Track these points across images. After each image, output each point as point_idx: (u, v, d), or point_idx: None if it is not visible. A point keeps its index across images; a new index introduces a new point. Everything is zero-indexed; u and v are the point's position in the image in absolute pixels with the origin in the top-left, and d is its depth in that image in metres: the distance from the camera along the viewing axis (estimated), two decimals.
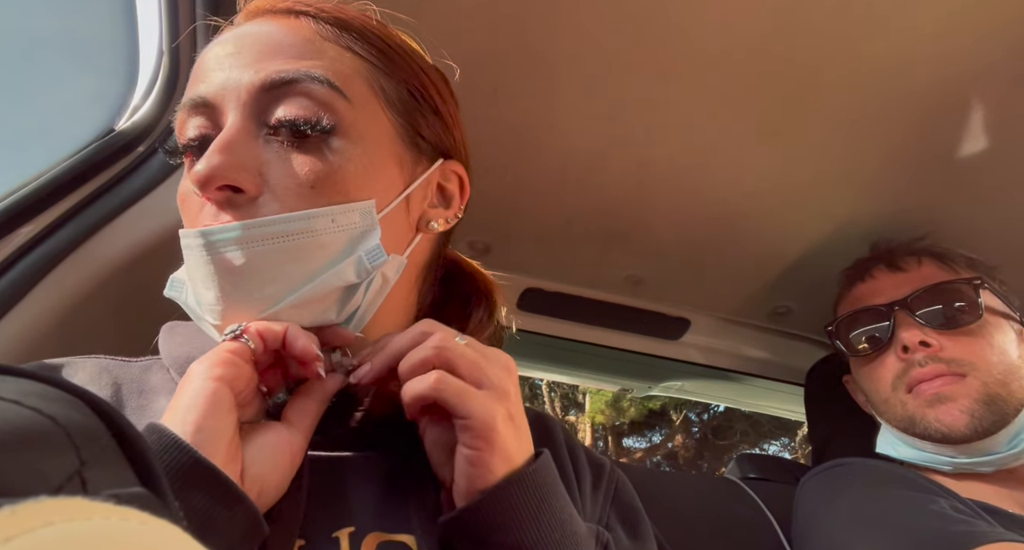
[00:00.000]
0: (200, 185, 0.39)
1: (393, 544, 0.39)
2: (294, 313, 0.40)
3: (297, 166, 0.40)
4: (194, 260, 0.40)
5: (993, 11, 0.67)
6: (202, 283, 0.40)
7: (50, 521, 0.14)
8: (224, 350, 0.37)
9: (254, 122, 0.41)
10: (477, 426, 0.37)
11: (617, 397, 7.33)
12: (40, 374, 0.21)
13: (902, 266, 0.86)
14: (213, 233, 0.39)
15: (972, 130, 0.81)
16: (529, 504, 0.38)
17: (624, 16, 0.68)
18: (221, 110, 0.42)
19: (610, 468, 0.56)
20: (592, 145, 0.85)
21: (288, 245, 0.39)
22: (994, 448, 0.74)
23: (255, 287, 0.39)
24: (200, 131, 0.42)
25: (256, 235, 0.39)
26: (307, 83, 0.41)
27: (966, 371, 0.75)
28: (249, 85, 0.41)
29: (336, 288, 0.41)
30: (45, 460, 0.17)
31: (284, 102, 0.41)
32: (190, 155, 0.43)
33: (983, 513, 0.69)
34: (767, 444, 7.93)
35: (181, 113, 0.43)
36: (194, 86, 0.43)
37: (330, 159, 0.41)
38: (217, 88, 0.42)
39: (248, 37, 0.43)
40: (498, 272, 1.11)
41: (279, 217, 0.39)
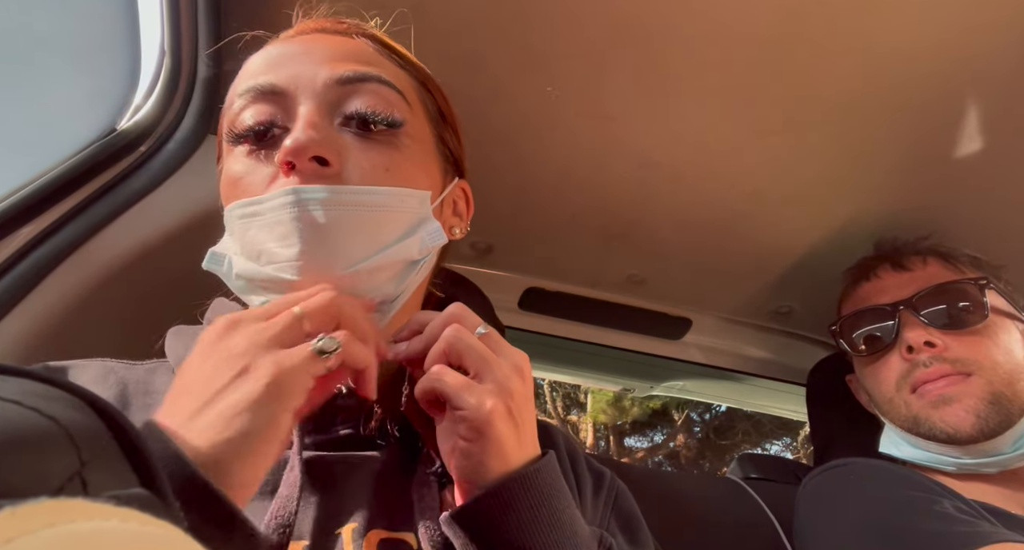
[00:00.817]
0: (294, 154, 0.41)
1: (395, 541, 0.40)
2: (366, 278, 0.43)
3: (373, 152, 0.44)
4: (273, 220, 0.41)
5: (995, 11, 0.66)
6: (280, 242, 0.41)
7: (51, 522, 0.14)
8: (309, 373, 0.35)
9: (329, 111, 0.44)
10: (471, 417, 0.38)
11: (618, 397, 7.32)
12: (41, 374, 0.21)
13: (907, 265, 0.85)
14: (307, 191, 0.41)
15: (975, 129, 0.81)
16: (529, 503, 0.38)
17: (625, 16, 0.68)
18: (292, 98, 0.44)
19: (610, 477, 0.57)
20: (593, 145, 0.85)
21: (368, 214, 0.42)
22: (999, 449, 0.74)
23: (339, 246, 0.41)
24: (265, 117, 0.44)
25: (344, 199, 0.41)
26: (378, 83, 0.46)
27: (971, 371, 0.75)
28: (327, 78, 0.44)
29: (400, 260, 0.44)
30: (46, 461, 0.17)
31: (357, 97, 0.45)
32: (248, 141, 0.45)
33: (986, 514, 0.69)
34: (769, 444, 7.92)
35: (240, 100, 0.45)
36: (257, 76, 0.45)
37: (400, 149, 0.46)
38: (289, 78, 0.44)
39: (313, 43, 0.47)
40: (500, 272, 1.12)
41: (364, 187, 0.43)
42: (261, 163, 0.44)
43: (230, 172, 0.45)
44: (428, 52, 0.55)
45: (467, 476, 0.39)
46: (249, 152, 0.45)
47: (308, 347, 0.35)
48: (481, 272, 1.10)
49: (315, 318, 0.37)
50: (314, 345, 0.36)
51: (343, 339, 0.37)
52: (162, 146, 0.75)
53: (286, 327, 0.36)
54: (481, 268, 1.10)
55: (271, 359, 0.34)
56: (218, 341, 0.36)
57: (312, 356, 0.35)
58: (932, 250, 0.87)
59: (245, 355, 0.34)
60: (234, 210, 0.44)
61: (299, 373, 0.34)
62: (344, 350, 0.37)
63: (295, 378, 0.34)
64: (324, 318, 0.37)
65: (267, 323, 0.36)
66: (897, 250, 0.89)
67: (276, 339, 0.35)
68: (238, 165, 0.45)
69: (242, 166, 0.44)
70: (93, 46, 0.78)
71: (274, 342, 0.35)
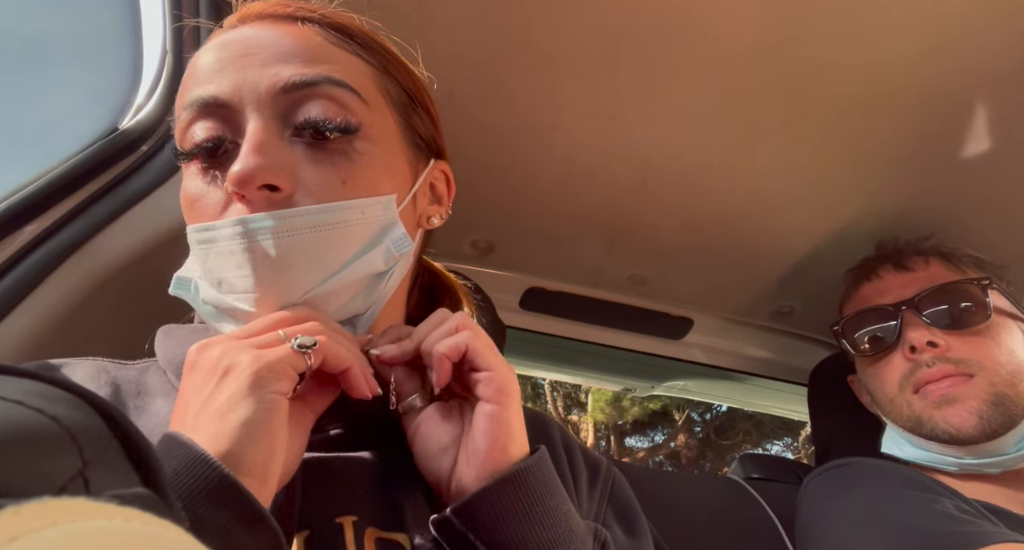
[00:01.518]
0: (240, 184, 0.39)
1: (388, 542, 0.40)
2: (328, 300, 0.42)
3: (328, 165, 0.42)
4: (227, 249, 0.40)
5: (997, 11, 0.66)
6: (235, 272, 0.41)
7: (54, 521, 0.14)
8: (291, 365, 0.36)
9: (278, 123, 0.42)
10: (500, 378, 0.40)
11: (619, 396, 7.32)
12: (42, 374, 0.21)
13: (909, 266, 0.85)
14: (254, 221, 0.40)
15: (977, 130, 0.81)
16: (523, 501, 0.38)
17: (627, 16, 0.68)
18: (237, 110, 0.42)
19: (607, 466, 0.56)
20: (595, 144, 0.85)
21: (323, 234, 0.41)
22: (1001, 449, 0.74)
23: (293, 274, 0.41)
24: (213, 133, 0.42)
25: (295, 225, 0.40)
26: (328, 86, 0.43)
27: (974, 371, 0.74)
28: (270, 87, 0.42)
29: (366, 275, 0.44)
30: (48, 460, 0.17)
31: (307, 104, 0.42)
32: (198, 158, 0.43)
33: (988, 514, 0.69)
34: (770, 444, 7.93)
35: (186, 113, 0.43)
36: (198, 87, 0.43)
37: (356, 158, 0.43)
38: (231, 89, 0.42)
39: (253, 40, 0.44)
40: (501, 271, 1.12)
41: (316, 207, 0.41)
42: (213, 185, 0.43)
43: (186, 190, 0.44)
44: (429, 52, 0.55)
45: (498, 440, 0.39)
46: (201, 170, 0.43)
47: (287, 344, 0.36)
48: (482, 272, 1.10)
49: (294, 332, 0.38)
50: (292, 342, 0.36)
51: (322, 339, 0.37)
52: (164, 145, 0.75)
53: (267, 340, 0.37)
54: (482, 268, 1.10)
55: (251, 355, 0.35)
56: (197, 359, 0.37)
57: (292, 351, 0.36)
58: (934, 250, 0.87)
59: (224, 358, 0.35)
60: (192, 234, 0.43)
61: (280, 364, 0.35)
62: (324, 347, 0.37)
63: (277, 367, 0.35)
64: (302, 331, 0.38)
65: (246, 339, 0.37)
66: (899, 250, 0.89)
67: (255, 344, 0.36)
68: (192, 184, 0.43)
69: (195, 186, 0.43)
70: (95, 45, 0.78)
71: (253, 346, 0.36)
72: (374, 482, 0.43)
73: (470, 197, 0.95)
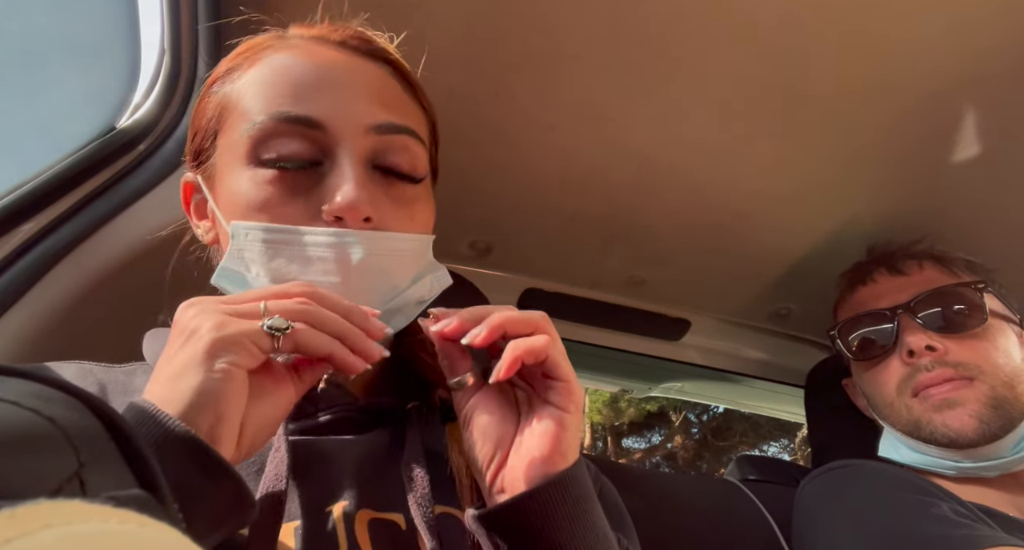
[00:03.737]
0: (346, 212, 0.44)
1: (383, 522, 0.41)
2: (388, 317, 0.46)
3: (400, 202, 0.48)
4: (316, 255, 0.44)
5: (990, 18, 0.67)
6: (320, 276, 0.44)
7: (49, 523, 0.14)
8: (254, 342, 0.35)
9: (367, 159, 0.47)
10: (575, 389, 0.42)
11: (616, 397, 7.32)
12: (39, 375, 0.21)
13: (903, 269, 0.85)
14: (353, 236, 0.44)
15: (972, 132, 0.81)
16: (568, 506, 0.39)
17: (626, 18, 0.68)
18: (333, 136, 0.46)
19: (595, 469, 0.59)
20: (593, 146, 0.85)
21: (397, 259, 0.47)
22: (999, 452, 0.74)
23: (376, 286, 0.46)
24: (304, 151, 0.45)
25: (381, 246, 0.45)
26: (411, 137, 0.49)
27: (973, 375, 0.75)
28: (367, 124, 0.47)
29: (414, 301, 0.48)
30: (44, 462, 0.17)
31: (391, 148, 0.48)
32: (278, 167, 0.46)
33: (984, 517, 0.69)
34: (766, 445, 7.94)
35: (272, 122, 0.45)
36: (293, 101, 0.46)
37: (418, 200, 0.50)
38: (327, 114, 0.46)
39: (345, 72, 0.48)
40: (499, 272, 1.12)
41: (397, 235, 0.47)
42: (294, 195, 0.45)
43: (252, 193, 0.45)
44: (428, 52, 0.55)
45: (560, 446, 0.40)
46: (278, 178, 0.45)
47: (257, 322, 0.36)
48: (480, 273, 1.10)
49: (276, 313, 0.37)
50: (263, 322, 0.36)
51: (299, 326, 0.37)
52: (161, 145, 0.75)
53: (245, 310, 0.37)
54: (480, 269, 1.10)
55: (214, 321, 0.35)
56: (178, 318, 0.37)
57: (261, 331, 0.36)
58: (927, 254, 0.87)
59: (192, 321, 0.35)
60: (256, 232, 0.44)
61: (242, 337, 0.35)
62: (296, 335, 0.36)
63: (237, 339, 0.34)
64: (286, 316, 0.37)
65: (228, 305, 0.37)
66: (892, 254, 0.89)
67: (231, 314, 0.36)
68: (265, 189, 0.45)
69: (269, 192, 0.45)
70: (93, 44, 0.78)
71: (227, 313, 0.36)
72: (368, 463, 0.45)
73: (469, 198, 0.95)
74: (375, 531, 0.41)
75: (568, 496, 0.39)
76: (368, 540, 0.40)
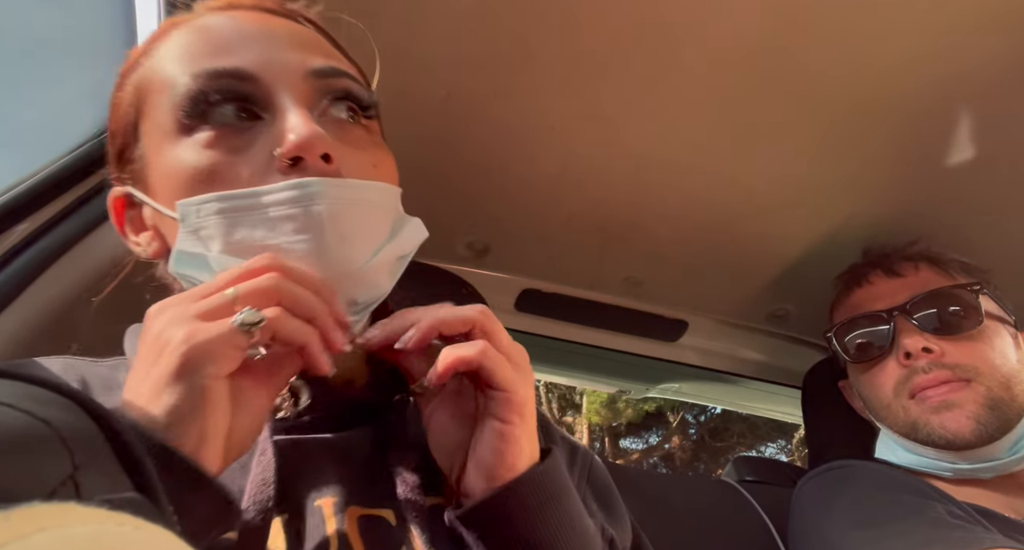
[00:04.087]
0: (304, 149, 0.38)
1: (373, 518, 0.40)
2: (373, 275, 0.42)
3: (358, 148, 0.43)
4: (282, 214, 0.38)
5: (987, 18, 0.67)
6: (291, 237, 0.38)
7: (43, 526, 0.14)
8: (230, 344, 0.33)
9: (308, 106, 0.42)
10: (517, 400, 0.39)
11: (613, 398, 7.33)
12: (35, 376, 0.21)
13: (899, 271, 0.85)
14: (318, 184, 0.38)
15: (968, 135, 0.82)
16: (541, 501, 0.38)
17: (623, 18, 0.68)
18: (268, 86, 0.41)
19: (583, 449, 0.57)
20: (591, 146, 0.85)
21: (368, 210, 0.41)
22: (996, 454, 0.74)
23: (356, 241, 0.40)
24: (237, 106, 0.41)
25: (351, 196, 0.40)
26: (351, 80, 0.44)
27: (971, 377, 0.75)
28: (301, 69, 0.42)
29: (396, 257, 0.44)
30: (39, 464, 0.17)
31: (333, 90, 0.43)
32: (213, 127, 0.40)
33: (980, 518, 0.69)
34: (764, 446, 7.95)
35: (202, 82, 0.40)
36: (215, 57, 0.41)
37: (378, 145, 0.46)
38: (260, 63, 0.41)
39: (267, 27, 0.44)
40: (497, 273, 1.12)
41: (366, 183, 0.41)
42: (238, 154, 0.40)
43: (191, 162, 0.40)
44: (426, 53, 0.55)
45: (505, 458, 0.38)
46: (216, 139, 0.40)
47: (228, 320, 0.33)
48: (478, 273, 1.10)
49: (248, 300, 0.34)
50: (235, 318, 0.33)
51: (272, 313, 0.34)
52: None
53: (214, 306, 0.34)
54: (478, 269, 1.10)
55: (185, 331, 0.32)
56: (146, 328, 0.34)
57: (232, 330, 0.33)
58: (922, 256, 0.87)
59: (163, 333, 0.33)
60: (209, 204, 0.39)
61: (216, 344, 0.32)
62: (272, 324, 0.34)
63: (211, 349, 0.32)
64: (259, 299, 0.35)
65: (195, 303, 0.34)
66: (888, 256, 0.89)
67: (200, 316, 0.33)
68: (203, 155, 0.40)
69: (211, 156, 0.40)
70: (90, 43, 0.77)
71: (197, 319, 0.33)
72: (355, 461, 0.43)
73: (466, 198, 0.95)
74: (365, 527, 0.39)
75: (526, 503, 0.38)
76: (359, 537, 0.39)
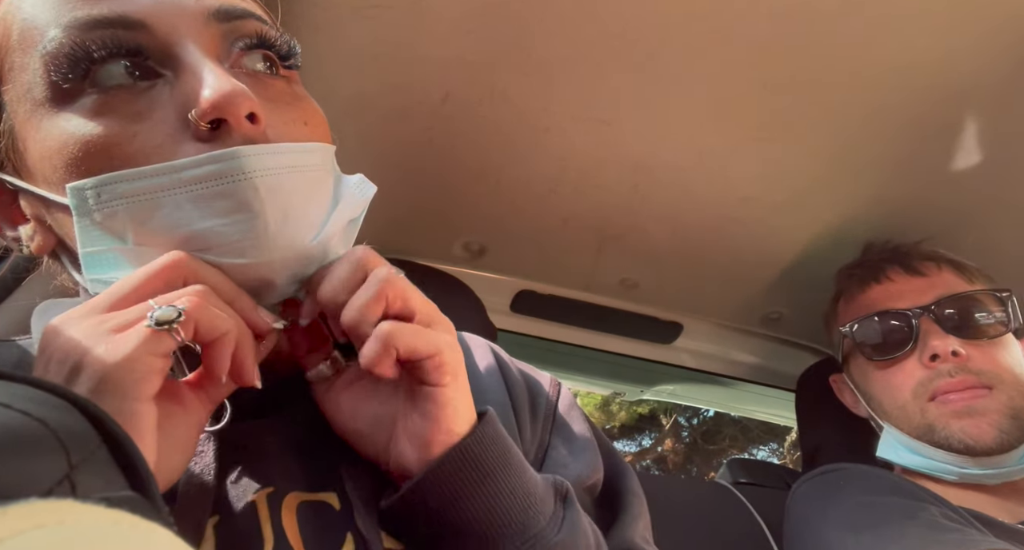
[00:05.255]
0: (225, 109, 0.32)
1: (314, 503, 0.37)
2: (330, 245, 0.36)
3: (283, 104, 0.37)
4: (210, 192, 0.32)
5: (987, 19, 0.67)
6: (223, 218, 0.32)
7: (40, 523, 0.14)
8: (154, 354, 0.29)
9: (217, 58, 0.36)
10: (448, 360, 0.35)
11: (607, 400, 7.33)
12: (31, 377, 0.21)
13: (921, 270, 0.83)
14: (250, 153, 0.32)
15: (963, 138, 0.82)
16: (472, 479, 0.35)
17: (622, 21, 0.68)
18: (163, 34, 0.34)
19: (548, 386, 0.52)
20: (587, 148, 0.85)
21: (308, 174, 0.35)
22: (1008, 462, 0.74)
23: (302, 213, 0.34)
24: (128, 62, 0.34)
25: (286, 162, 0.34)
26: (262, 23, 0.38)
27: (993, 384, 0.74)
28: (202, 10, 0.35)
29: (346, 221, 0.38)
30: (35, 463, 0.17)
31: (244, 37, 0.37)
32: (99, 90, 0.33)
33: (975, 522, 0.69)
34: (756, 449, 7.96)
35: (77, 34, 0.33)
36: (95, 2, 0.34)
37: (304, 99, 0.40)
38: (147, 7, 0.34)
39: None
40: (493, 274, 1.12)
41: (299, 145, 0.35)
42: (143, 121, 0.33)
43: (79, 135, 0.33)
44: (424, 54, 0.55)
45: (442, 423, 0.35)
46: (107, 103, 0.33)
47: (143, 323, 0.29)
48: (474, 274, 1.10)
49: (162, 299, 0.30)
50: (149, 319, 0.29)
51: (188, 304, 0.29)
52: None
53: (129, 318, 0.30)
54: (474, 270, 1.10)
55: (101, 349, 0.28)
56: (47, 346, 0.30)
57: (152, 334, 0.28)
58: (943, 256, 0.85)
59: (73, 352, 0.28)
60: (112, 186, 0.32)
61: (138, 358, 0.28)
62: (192, 314, 0.29)
63: (133, 368, 0.28)
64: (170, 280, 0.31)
65: (107, 315, 0.30)
66: (906, 253, 0.86)
67: (115, 330, 0.29)
68: (93, 126, 0.33)
69: (103, 126, 0.33)
70: None
71: (112, 332, 0.29)
72: (297, 444, 0.39)
73: (462, 199, 0.95)
74: (304, 515, 0.36)
75: (466, 471, 0.35)
76: (296, 527, 0.35)
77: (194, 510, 0.33)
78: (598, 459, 0.49)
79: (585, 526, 0.40)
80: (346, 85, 0.76)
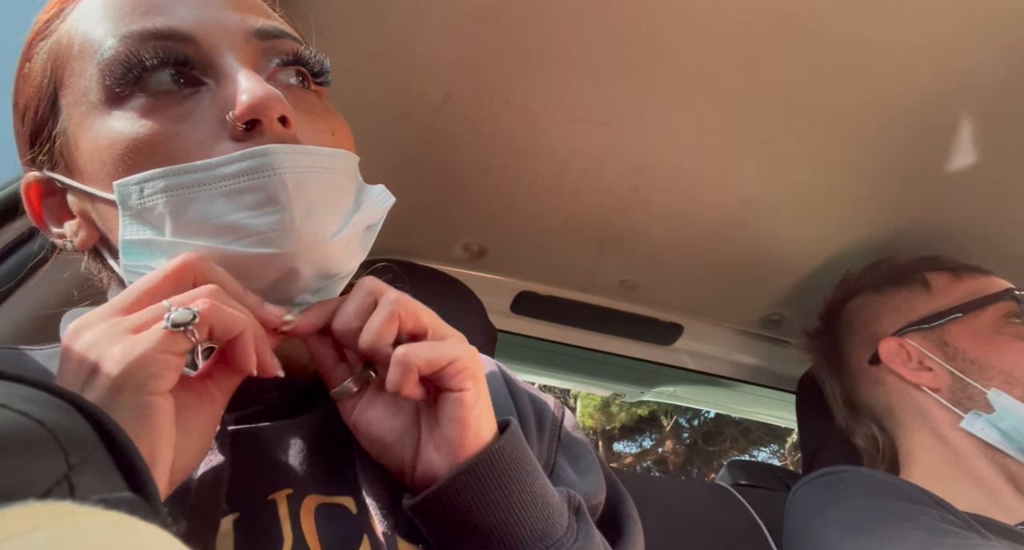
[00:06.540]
0: (260, 111, 0.35)
1: (332, 506, 0.38)
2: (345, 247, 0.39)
3: (313, 115, 0.41)
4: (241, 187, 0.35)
5: (989, 23, 0.67)
6: (255, 210, 0.35)
7: (38, 525, 0.14)
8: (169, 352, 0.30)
9: (255, 69, 0.39)
10: (467, 365, 0.37)
11: (607, 402, 7.33)
12: (29, 377, 0.21)
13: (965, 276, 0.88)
14: (281, 151, 0.35)
15: (966, 141, 0.82)
16: (500, 484, 0.37)
17: (622, 22, 0.68)
18: (208, 47, 0.37)
19: (553, 407, 0.54)
20: (588, 149, 0.85)
21: (332, 177, 0.38)
22: None
23: (325, 210, 0.37)
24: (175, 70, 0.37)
25: (313, 163, 0.37)
26: (297, 43, 0.41)
27: None
28: (242, 30, 0.39)
29: (363, 227, 0.41)
30: (33, 464, 0.17)
31: (281, 53, 0.40)
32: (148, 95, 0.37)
33: (978, 526, 0.69)
34: (756, 450, 7.96)
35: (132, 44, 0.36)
36: (142, 18, 0.37)
37: (333, 112, 0.43)
38: (197, 23, 0.38)
39: None
40: (493, 275, 1.12)
41: (327, 150, 0.38)
42: (186, 122, 0.36)
43: (129, 134, 0.36)
44: (424, 55, 0.55)
45: (470, 427, 0.37)
46: (155, 107, 0.36)
47: (160, 325, 0.30)
48: (474, 275, 1.10)
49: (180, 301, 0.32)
50: (166, 321, 0.30)
51: (203, 306, 0.31)
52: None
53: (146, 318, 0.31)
54: (474, 271, 1.10)
55: (120, 348, 0.30)
56: (69, 346, 0.31)
57: (168, 334, 0.30)
58: None
59: (92, 350, 0.30)
60: (154, 182, 0.35)
61: (153, 356, 0.30)
62: (208, 316, 0.31)
63: (149, 362, 0.29)
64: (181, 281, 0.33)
65: (125, 317, 0.32)
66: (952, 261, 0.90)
67: (132, 330, 0.31)
68: (142, 125, 0.36)
69: (151, 127, 0.36)
70: None
71: (129, 333, 0.31)
72: (313, 447, 0.41)
73: (463, 200, 0.95)
74: (322, 517, 0.37)
75: (495, 475, 0.37)
76: (314, 528, 0.37)
77: (208, 506, 0.34)
78: (602, 481, 0.51)
79: (598, 540, 0.41)
80: (346, 87, 0.75)
